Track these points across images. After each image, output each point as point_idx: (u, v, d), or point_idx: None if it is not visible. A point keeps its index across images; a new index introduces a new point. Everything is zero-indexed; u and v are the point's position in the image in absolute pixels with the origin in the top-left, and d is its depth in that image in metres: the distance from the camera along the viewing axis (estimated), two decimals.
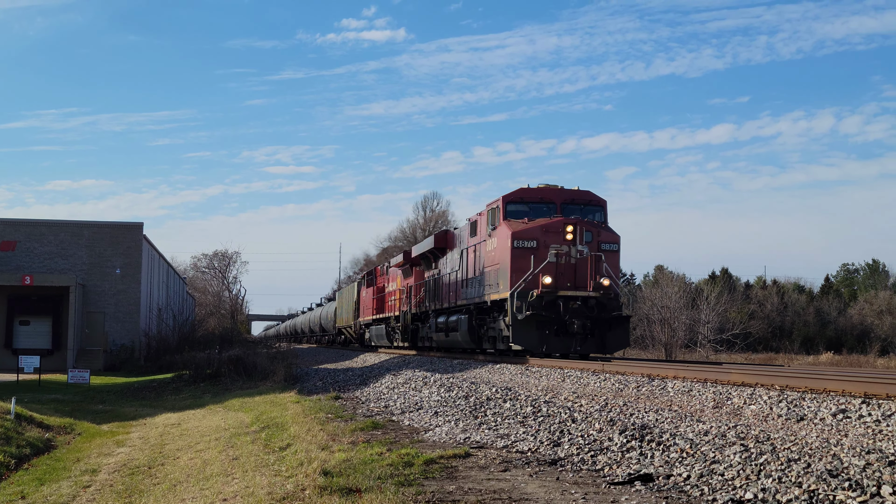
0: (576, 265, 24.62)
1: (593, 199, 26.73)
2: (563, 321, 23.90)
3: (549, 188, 26.63)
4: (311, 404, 18.44)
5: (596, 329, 24.43)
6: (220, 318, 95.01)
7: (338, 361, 40.72)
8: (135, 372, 43.15)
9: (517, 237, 25.00)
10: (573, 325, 23.83)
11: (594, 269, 24.54)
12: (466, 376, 21.33)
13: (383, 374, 24.84)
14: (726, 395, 13.17)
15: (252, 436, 15.50)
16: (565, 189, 26.75)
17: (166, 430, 19.52)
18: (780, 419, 10.95)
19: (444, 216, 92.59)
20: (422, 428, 13.49)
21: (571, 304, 23.95)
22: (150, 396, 29.83)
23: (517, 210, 26.06)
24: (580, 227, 24.79)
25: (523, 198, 26.27)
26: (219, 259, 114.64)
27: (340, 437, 12.76)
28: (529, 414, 12.89)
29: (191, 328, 61.08)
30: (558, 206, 25.98)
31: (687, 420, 11.02)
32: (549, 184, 27.01)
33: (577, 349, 24.24)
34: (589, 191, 26.90)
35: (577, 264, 24.64)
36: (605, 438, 10.21)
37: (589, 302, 24.14)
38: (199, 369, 32.81)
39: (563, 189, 26.72)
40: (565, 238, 24.60)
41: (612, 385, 16.30)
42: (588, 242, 24.89)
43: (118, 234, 49.86)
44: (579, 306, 23.99)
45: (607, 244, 25.30)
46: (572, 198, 26.37)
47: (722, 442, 9.18)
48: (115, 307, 49.18)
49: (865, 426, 9.85)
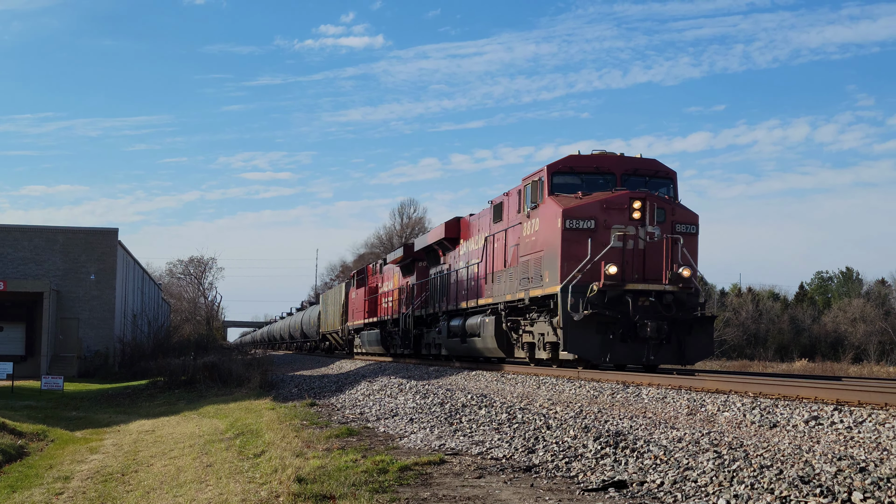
0: (645, 251, 20.17)
1: (661, 170, 22.01)
2: (633, 323, 19.44)
3: (607, 156, 21.89)
4: (286, 411, 18.39)
5: (672, 333, 19.90)
6: (196, 325, 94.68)
7: (314, 368, 40.62)
8: (109, 378, 42.92)
9: (570, 215, 20.19)
10: (645, 327, 19.34)
11: (670, 256, 20.12)
12: (442, 383, 21.32)
13: (359, 381, 24.80)
14: (700, 402, 13.23)
15: (226, 443, 15.44)
16: (626, 157, 22.02)
17: (140, 436, 19.41)
18: (753, 426, 11.01)
19: (421, 223, 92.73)
20: (397, 435, 13.48)
21: (642, 300, 19.63)
22: (124, 403, 29.67)
23: (566, 183, 21.35)
24: (650, 203, 20.27)
25: (574, 167, 21.46)
26: (194, 265, 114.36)
27: (315, 443, 12.73)
28: (504, 421, 12.90)
29: (166, 334, 60.81)
30: (618, 178, 21.28)
31: (661, 427, 11.06)
32: (603, 150, 22.20)
33: (651, 359, 19.74)
34: (655, 159, 22.22)
35: (648, 250, 20.17)
36: (579, 445, 10.23)
37: (665, 298, 19.73)
38: (174, 376, 32.67)
39: (623, 157, 21.99)
40: (631, 216, 20.10)
41: (588, 392, 16.34)
42: (660, 223, 20.41)
43: (93, 239, 49.62)
44: (652, 304, 19.67)
45: (683, 225, 20.75)
46: (635, 167, 21.63)
47: (695, 449, 9.22)
48: (90, 313, 48.91)
49: (837, 433, 9.91)
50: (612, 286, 19.43)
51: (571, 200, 20.61)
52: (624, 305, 19.41)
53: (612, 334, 19.44)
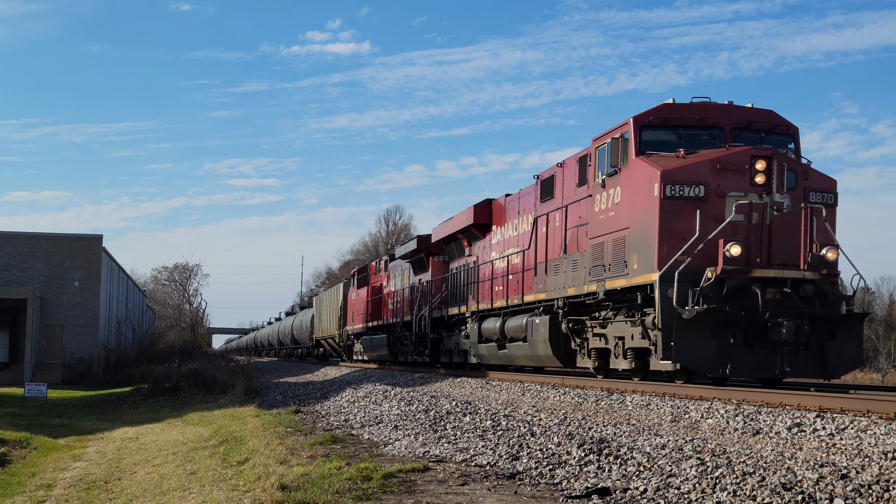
0: (772, 227, 15.38)
1: (780, 124, 17.10)
2: (761, 322, 14.87)
3: (711, 105, 16.93)
4: (270, 418, 18.35)
5: (813, 336, 15.26)
6: (181, 332, 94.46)
7: (299, 375, 40.54)
8: (93, 385, 42.72)
9: (671, 180, 15.44)
10: (779, 328, 14.72)
11: (809, 234, 15.29)
12: (427, 390, 21.31)
13: (344, 388, 24.76)
14: (684, 408, 13.26)
15: (210, 450, 15.40)
16: (736, 106, 17.04)
17: (124, 444, 19.34)
18: (736, 433, 11.04)
19: (407, 229, 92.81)
20: (381, 442, 13.47)
21: (772, 292, 15.03)
22: (108, 410, 29.54)
23: (660, 140, 16.59)
24: (778, 164, 15.49)
25: (669, 119, 16.68)
26: (179, 272, 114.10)
27: (299, 451, 12.71)
28: (489, 427, 12.91)
29: (150, 341, 60.63)
30: (727, 133, 16.50)
31: (645, 434, 11.08)
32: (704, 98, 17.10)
33: (786, 370, 15.20)
34: (772, 111, 17.20)
35: (776, 225, 15.39)
36: (563, 452, 10.25)
37: (803, 289, 15.13)
38: (158, 383, 32.57)
39: (732, 106, 17.00)
40: (753, 181, 15.36)
41: (572, 399, 16.35)
42: (790, 189, 15.60)
43: (77, 246, 49.43)
44: (785, 296, 15.06)
45: (818, 193, 15.89)
46: (749, 119, 16.78)
47: (679, 456, 9.24)
48: (74, 320, 48.71)
49: (819, 440, 9.95)
50: (733, 273, 14.90)
51: (671, 160, 15.88)
52: (749, 298, 14.89)
53: (731, 337, 14.96)
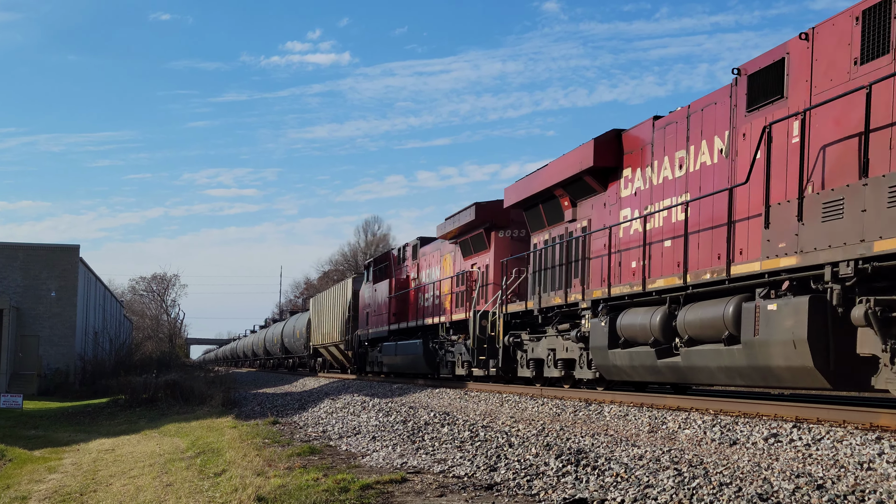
0: None
1: None
2: None
3: None
4: (248, 429, 18.27)
5: None
6: (158, 342, 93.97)
7: (277, 386, 40.40)
8: (69, 396, 42.41)
9: None
10: None
11: None
12: (405, 401, 21.27)
13: (322, 399, 24.69)
14: (661, 419, 13.28)
15: (187, 461, 15.31)
16: None
17: (100, 455, 19.20)
18: (713, 443, 11.07)
19: (386, 240, 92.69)
20: (359, 453, 13.43)
21: None
22: (84, 422, 29.33)
23: None
24: None
25: None
26: (157, 282, 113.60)
27: (277, 462, 12.65)
28: (467, 438, 12.89)
29: (127, 352, 60.27)
30: None
31: (622, 444, 11.09)
32: None
33: None
34: None
35: None
36: (541, 463, 10.24)
37: None
38: (135, 394, 32.38)
39: None
40: None
41: (550, 409, 16.35)
42: None
43: (54, 256, 49.12)
44: None
45: None
46: None
47: (656, 466, 9.25)
48: (50, 330, 48.37)
49: (796, 450, 9.99)
50: None
51: None
52: None
53: None
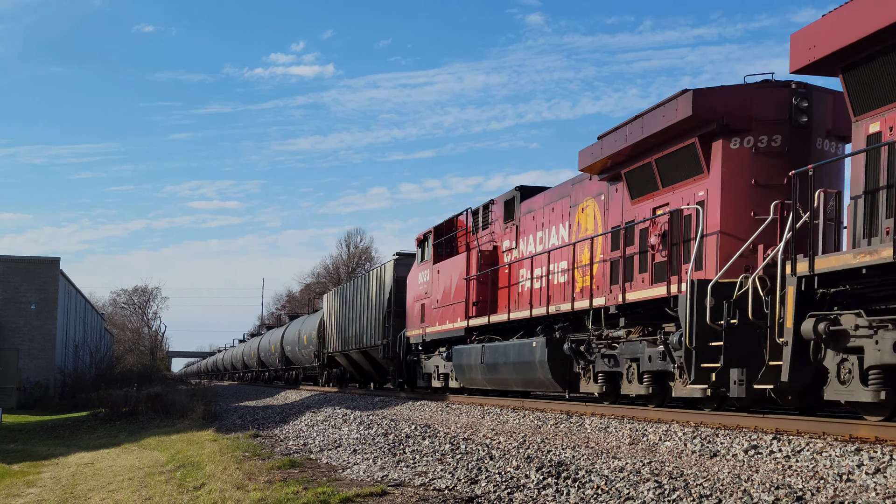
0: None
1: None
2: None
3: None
4: (228, 442, 18.18)
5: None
6: (139, 355, 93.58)
7: (258, 399, 40.27)
8: (49, 410, 42.15)
9: None
10: None
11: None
12: (386, 414, 21.24)
13: (303, 412, 24.61)
14: (642, 431, 13.29)
15: (166, 475, 15.23)
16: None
17: (79, 469, 19.08)
18: (693, 455, 11.08)
19: (368, 252, 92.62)
20: (340, 466, 13.39)
21: None
22: (64, 435, 29.14)
23: None
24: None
25: None
26: (138, 295, 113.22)
27: (257, 475, 12.60)
28: (448, 451, 12.87)
29: (108, 365, 59.96)
30: None
31: (603, 457, 11.09)
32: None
33: None
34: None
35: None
36: (522, 475, 10.23)
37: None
38: (116, 407, 32.23)
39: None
40: None
41: (531, 422, 16.35)
42: None
43: (34, 269, 48.84)
44: None
45: None
46: None
47: (637, 478, 9.26)
48: (30, 344, 48.07)
49: (775, 462, 10.01)
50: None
51: None
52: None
53: None
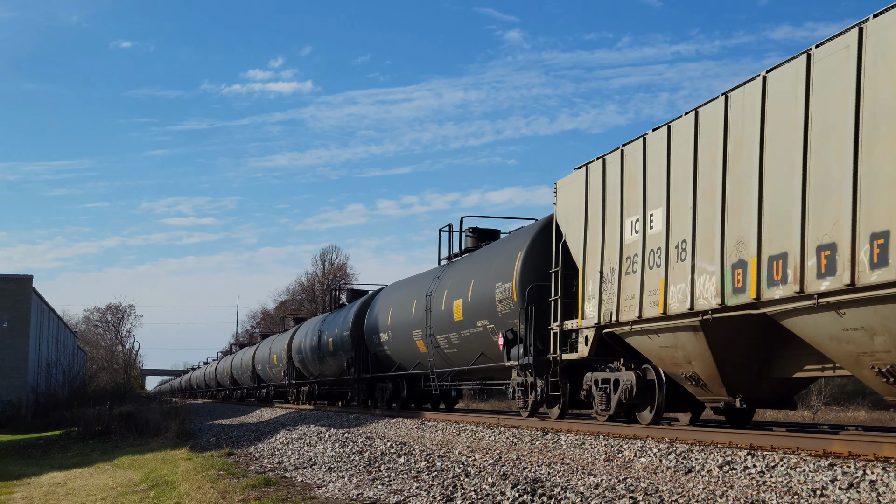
0: None
1: None
2: None
3: None
4: (202, 461, 18.07)
5: None
6: (113, 373, 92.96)
7: (233, 417, 40.06)
8: (21, 429, 41.77)
9: None
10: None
11: None
12: (362, 431, 21.18)
13: (278, 430, 24.51)
14: (618, 447, 13.31)
15: (140, 494, 15.11)
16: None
17: (51, 489, 18.91)
18: (669, 471, 11.11)
19: (343, 269, 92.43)
20: (315, 484, 13.33)
21: None
22: (36, 454, 28.88)
23: None
24: None
25: None
26: (112, 313, 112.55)
27: (231, 494, 12.53)
28: (423, 468, 12.85)
29: (81, 383, 59.50)
30: None
31: (578, 473, 11.10)
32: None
33: None
34: None
35: None
36: (497, 493, 10.22)
37: None
38: (89, 426, 31.96)
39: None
40: None
41: (507, 439, 16.34)
42: None
43: (6, 287, 48.47)
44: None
45: None
46: None
47: (612, 495, 9.27)
48: (2, 362, 47.66)
49: (750, 477, 10.05)
50: None
51: None
52: None
53: None
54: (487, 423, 19.27)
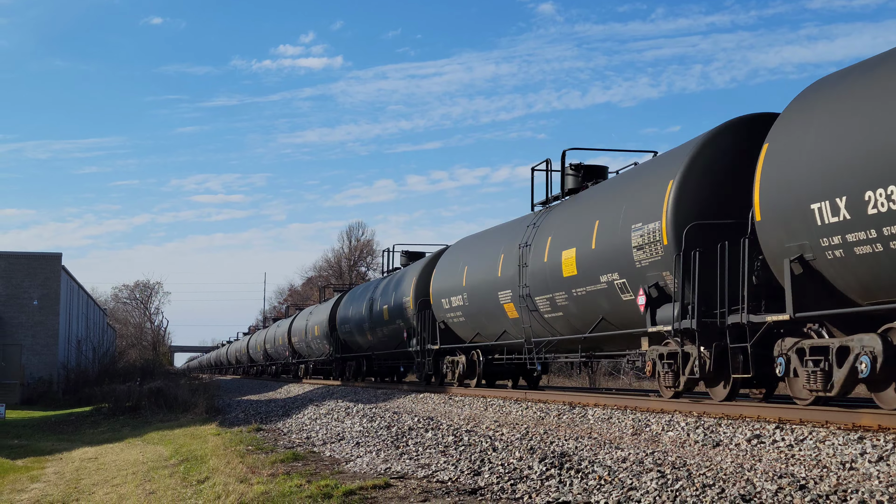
0: None
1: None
2: None
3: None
4: (231, 436, 18.21)
5: None
6: (142, 350, 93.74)
7: (261, 393, 40.33)
8: (53, 405, 42.23)
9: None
10: None
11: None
12: (389, 406, 21.25)
13: (306, 405, 24.63)
14: (645, 421, 13.30)
15: (170, 469, 15.25)
16: None
17: (83, 464, 19.11)
18: (696, 445, 11.08)
19: (370, 245, 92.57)
20: (343, 459, 13.39)
21: None
22: (67, 430, 29.19)
23: None
24: None
25: None
26: (140, 290, 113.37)
27: (260, 469, 12.61)
28: (451, 443, 12.88)
29: (111, 360, 60.02)
30: None
31: (606, 447, 11.10)
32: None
33: None
34: None
35: None
36: (525, 467, 10.23)
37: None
38: (119, 402, 32.25)
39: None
40: None
41: (534, 413, 16.35)
42: None
43: (36, 264, 48.89)
44: None
45: None
46: None
47: (639, 469, 9.26)
48: (33, 339, 48.15)
49: (778, 451, 10.01)
50: None
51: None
52: None
53: None
54: (514, 398, 19.28)
